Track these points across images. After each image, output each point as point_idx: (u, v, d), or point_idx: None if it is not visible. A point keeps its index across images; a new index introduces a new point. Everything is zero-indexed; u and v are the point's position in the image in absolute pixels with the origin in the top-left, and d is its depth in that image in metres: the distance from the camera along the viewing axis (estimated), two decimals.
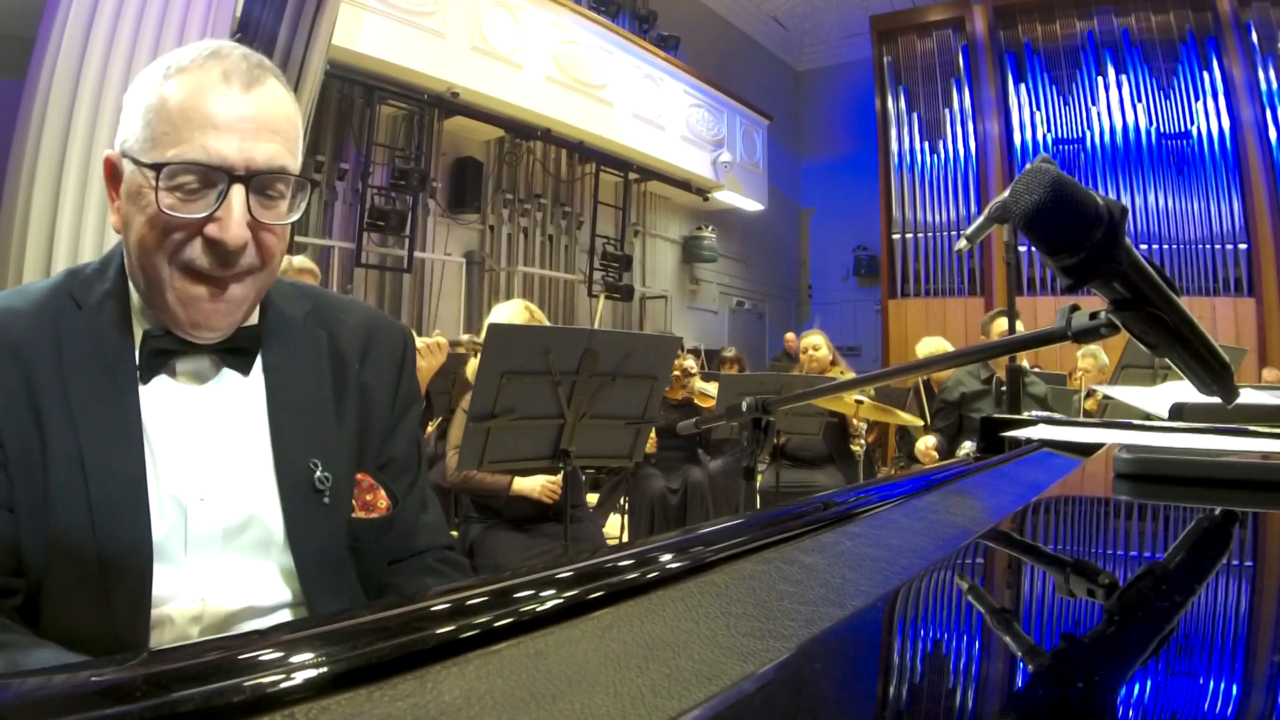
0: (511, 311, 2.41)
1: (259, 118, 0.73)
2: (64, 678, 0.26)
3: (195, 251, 0.72)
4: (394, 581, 0.88)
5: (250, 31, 3.73)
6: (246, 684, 0.25)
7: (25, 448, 0.69)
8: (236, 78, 0.72)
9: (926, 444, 3.48)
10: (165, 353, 0.76)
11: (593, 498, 3.90)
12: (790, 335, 8.08)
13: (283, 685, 0.25)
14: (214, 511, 0.75)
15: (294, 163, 0.76)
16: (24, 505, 0.69)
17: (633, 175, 7.71)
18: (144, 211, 0.71)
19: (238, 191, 0.71)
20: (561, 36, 6.59)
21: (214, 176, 0.71)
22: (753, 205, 9.32)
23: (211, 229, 0.71)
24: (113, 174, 0.76)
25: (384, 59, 5.31)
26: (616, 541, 3.10)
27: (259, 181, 0.73)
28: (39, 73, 3.24)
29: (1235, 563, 0.53)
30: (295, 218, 0.79)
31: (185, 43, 3.54)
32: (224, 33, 3.62)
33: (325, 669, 0.26)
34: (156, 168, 0.69)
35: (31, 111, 3.23)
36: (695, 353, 5.26)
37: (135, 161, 0.71)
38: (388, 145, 5.82)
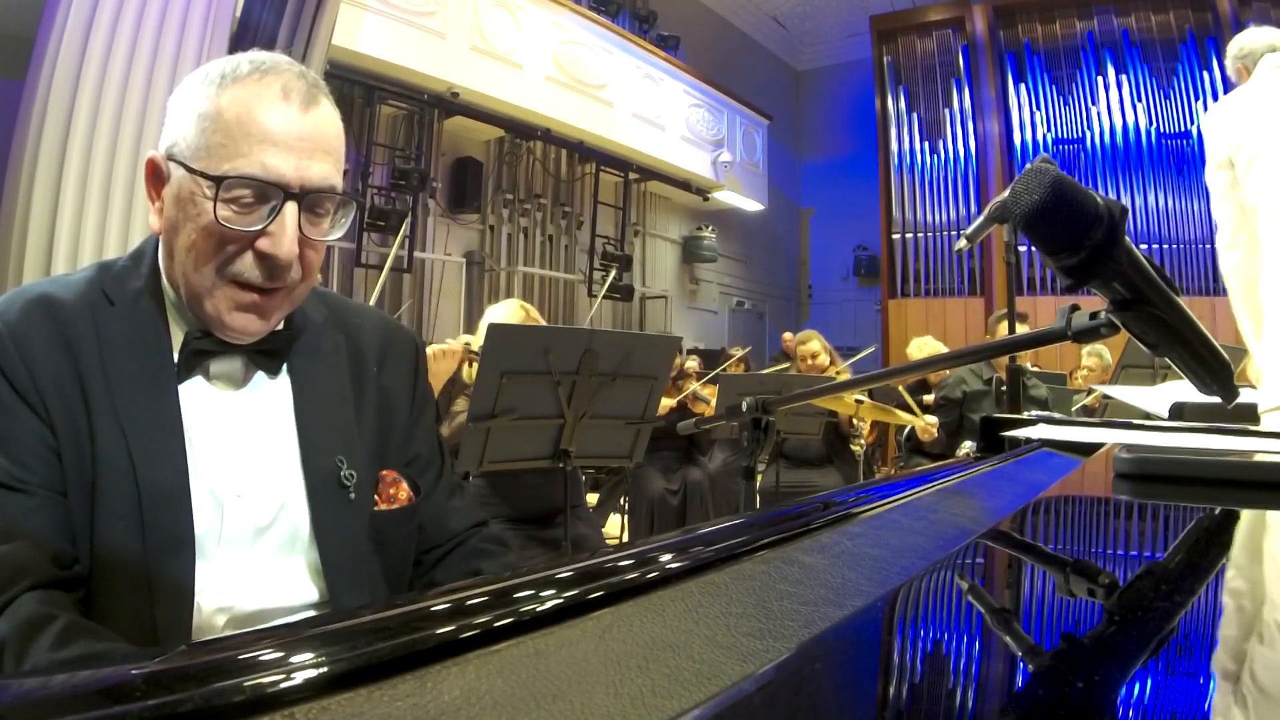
0: (506, 311, 2.40)
1: (315, 137, 0.74)
2: (64, 677, 0.26)
3: (245, 264, 0.74)
4: (447, 565, 0.92)
5: (250, 31, 3.73)
6: (246, 684, 0.25)
7: (75, 434, 0.70)
8: (295, 96, 0.74)
9: (928, 421, 3.48)
10: (201, 353, 0.77)
11: (593, 498, 3.91)
12: (788, 335, 8.07)
13: (283, 685, 0.25)
14: (248, 508, 0.76)
15: (341, 181, 0.78)
16: (76, 495, 0.70)
17: (633, 175, 7.71)
18: (196, 220, 0.72)
19: (291, 209, 0.73)
20: (561, 36, 6.59)
21: (269, 193, 0.72)
22: (753, 205, 9.32)
23: (264, 243, 0.73)
24: (155, 175, 0.77)
25: (384, 59, 5.31)
26: (616, 541, 3.10)
27: (310, 200, 0.75)
28: (39, 73, 3.24)
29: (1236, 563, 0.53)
30: (338, 235, 0.81)
31: (185, 43, 3.56)
32: (224, 33, 3.62)
33: (325, 669, 0.26)
34: (217, 180, 0.70)
35: (31, 111, 3.22)
36: (693, 351, 5.27)
37: (188, 169, 0.72)
38: (388, 145, 5.82)
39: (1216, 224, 2.05)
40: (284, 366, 0.82)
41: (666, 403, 3.85)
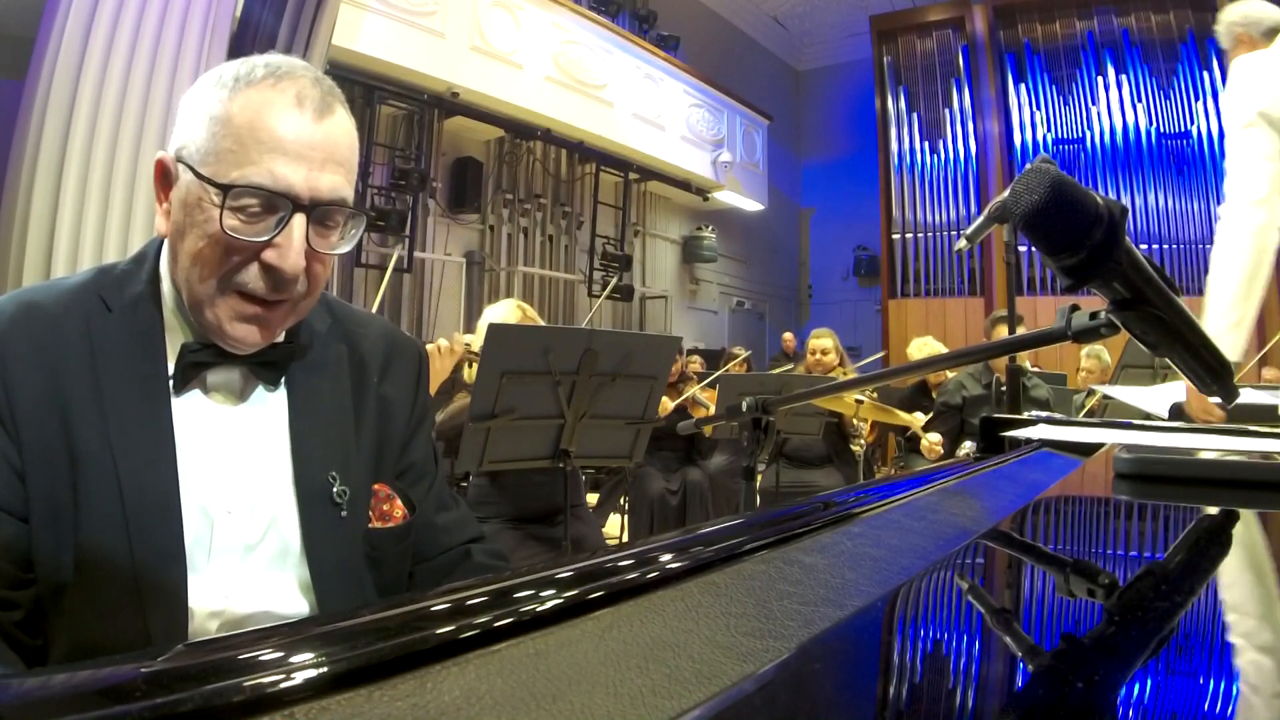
0: (504, 311, 2.40)
1: (327, 148, 0.72)
2: (64, 677, 0.26)
3: (250, 275, 0.72)
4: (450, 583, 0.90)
5: (250, 31, 3.73)
6: (246, 684, 0.25)
7: (50, 452, 0.69)
8: (309, 104, 0.72)
9: (931, 440, 3.49)
10: (198, 364, 0.75)
11: (593, 498, 3.90)
12: (788, 335, 8.07)
13: (283, 685, 0.25)
14: (238, 524, 0.75)
15: (352, 193, 0.76)
16: (47, 511, 0.68)
17: (633, 175, 7.71)
18: (202, 227, 0.70)
19: (299, 221, 0.71)
20: (561, 36, 6.58)
21: (278, 203, 0.70)
22: (753, 205, 9.32)
23: (270, 255, 0.71)
24: (164, 177, 0.75)
25: (384, 59, 5.31)
26: (616, 541, 3.10)
27: (319, 212, 0.73)
28: (39, 73, 3.24)
29: (1235, 563, 0.53)
30: (347, 249, 0.78)
31: (185, 43, 3.56)
32: (224, 33, 3.62)
33: (325, 669, 0.26)
34: (224, 188, 0.69)
35: (31, 111, 3.22)
36: (693, 351, 5.25)
37: (197, 174, 0.70)
38: (388, 145, 5.82)
39: (1238, 180, 1.83)
40: (283, 379, 0.80)
41: (666, 403, 3.84)
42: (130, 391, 0.72)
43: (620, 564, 0.39)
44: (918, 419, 3.63)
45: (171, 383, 0.74)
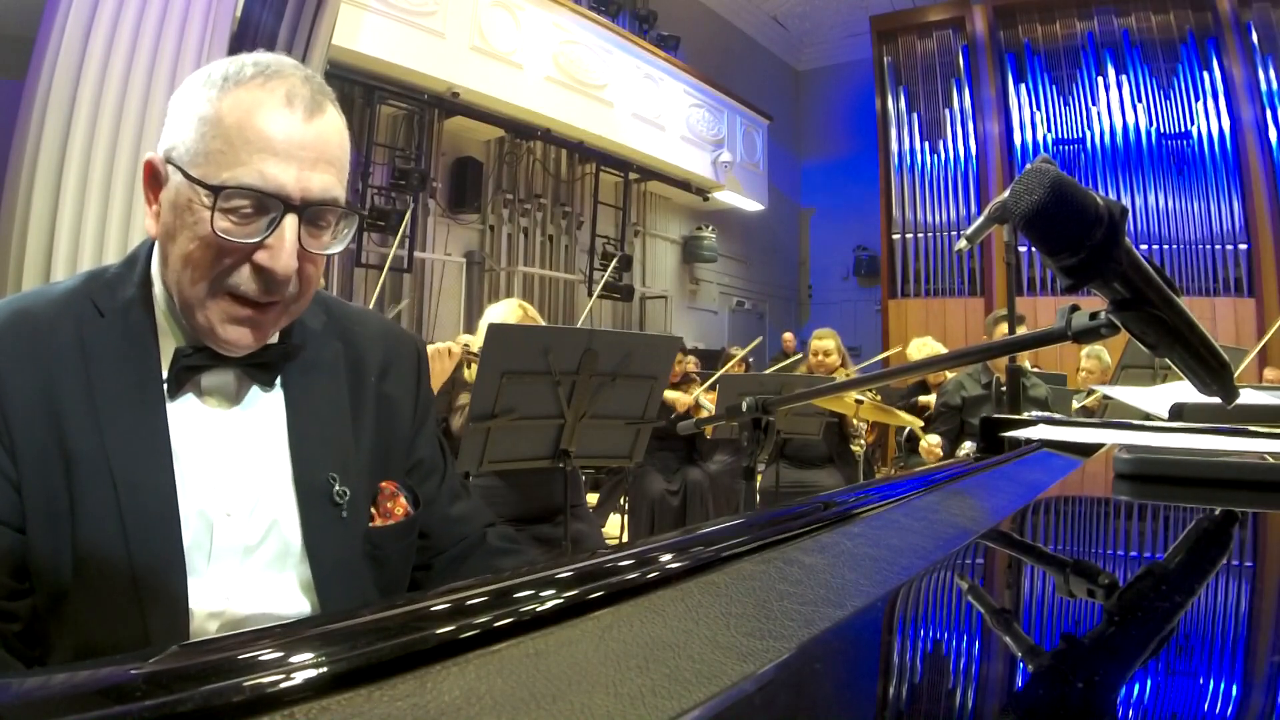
0: (505, 311, 2.40)
1: (318, 147, 0.72)
2: (64, 678, 0.26)
3: (242, 277, 0.71)
4: (470, 567, 0.91)
5: (250, 31, 3.73)
6: (246, 684, 0.25)
7: (45, 459, 0.68)
8: (299, 103, 0.71)
9: (930, 442, 3.48)
10: (192, 368, 0.75)
11: (593, 498, 3.91)
12: (788, 335, 8.06)
13: (283, 685, 0.25)
14: (237, 527, 0.75)
15: (343, 192, 0.75)
16: (45, 519, 0.68)
17: (633, 175, 7.71)
18: (193, 228, 0.70)
19: (291, 221, 0.70)
20: (561, 36, 6.59)
21: (269, 204, 0.70)
22: (753, 205, 9.32)
23: (262, 256, 0.70)
24: (153, 178, 0.74)
25: (384, 59, 5.31)
26: (616, 541, 3.10)
27: (311, 212, 0.72)
28: (39, 73, 3.24)
29: (1235, 563, 0.53)
30: (339, 249, 0.78)
31: (185, 43, 3.55)
32: (224, 33, 3.62)
33: (325, 669, 0.26)
34: (215, 190, 0.68)
35: (31, 111, 3.22)
36: (692, 351, 5.25)
37: (187, 175, 0.70)
38: (388, 145, 5.82)
39: None
40: (278, 379, 0.80)
41: (684, 400, 3.83)
42: (124, 397, 0.72)
43: (620, 564, 0.39)
44: (931, 443, 3.62)
45: (166, 387, 0.74)
